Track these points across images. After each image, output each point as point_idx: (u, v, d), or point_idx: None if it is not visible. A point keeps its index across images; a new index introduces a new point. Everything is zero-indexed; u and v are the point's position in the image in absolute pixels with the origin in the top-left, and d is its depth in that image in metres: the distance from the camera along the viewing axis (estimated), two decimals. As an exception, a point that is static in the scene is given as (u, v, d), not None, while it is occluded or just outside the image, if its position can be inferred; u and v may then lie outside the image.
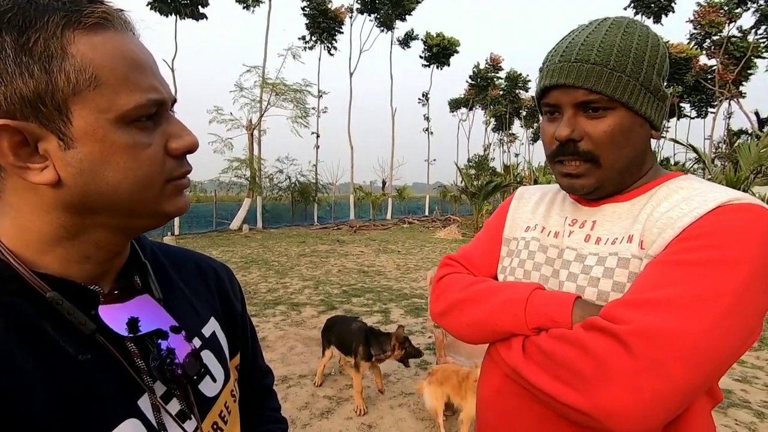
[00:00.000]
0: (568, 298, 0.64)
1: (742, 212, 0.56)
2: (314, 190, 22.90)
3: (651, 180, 0.71)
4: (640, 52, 0.64)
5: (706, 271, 0.54)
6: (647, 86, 0.64)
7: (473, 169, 33.21)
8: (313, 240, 14.49)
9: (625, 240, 0.65)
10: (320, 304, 5.82)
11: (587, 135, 0.65)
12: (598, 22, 0.68)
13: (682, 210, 0.60)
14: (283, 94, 19.80)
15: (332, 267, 8.95)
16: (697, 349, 0.51)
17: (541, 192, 0.88)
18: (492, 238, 0.89)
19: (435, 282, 0.87)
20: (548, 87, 0.68)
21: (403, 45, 32.69)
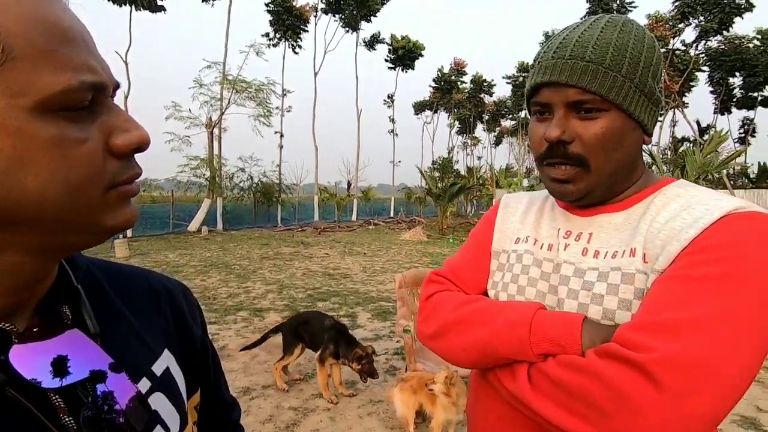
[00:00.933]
0: (575, 320, 0.58)
1: (748, 221, 0.54)
2: (278, 191, 22.41)
3: (644, 187, 0.67)
4: (637, 52, 0.61)
5: (720, 288, 0.50)
6: (642, 89, 0.62)
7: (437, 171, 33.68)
8: (277, 242, 14.14)
9: (627, 254, 0.61)
10: (284, 309, 5.64)
11: (578, 137, 0.62)
12: (593, 20, 0.64)
13: (685, 220, 0.57)
14: (245, 91, 19.25)
15: (297, 270, 8.74)
16: (724, 376, 0.48)
17: (527, 199, 0.84)
18: (479, 250, 0.83)
19: (422, 301, 0.80)
20: (539, 84, 0.64)
21: (369, 47, 32.69)
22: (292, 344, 3.29)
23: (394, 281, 7.58)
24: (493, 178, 31.58)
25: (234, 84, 18.74)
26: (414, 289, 3.58)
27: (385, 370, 3.69)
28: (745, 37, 28.52)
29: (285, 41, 26.67)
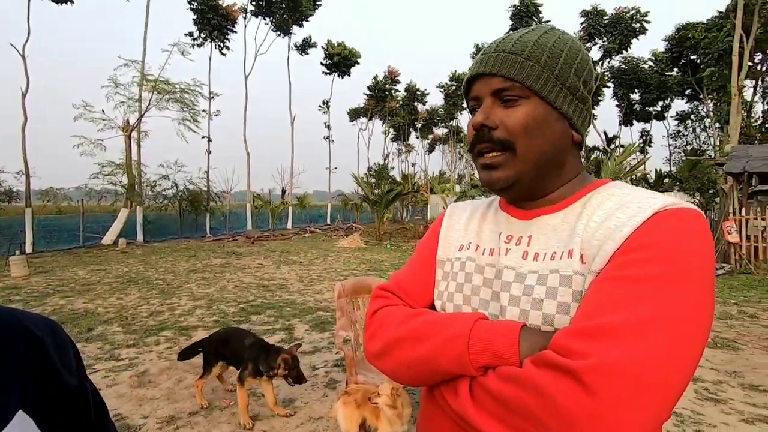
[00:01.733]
0: (513, 329, 0.57)
1: (679, 218, 0.54)
2: (206, 199, 21.16)
3: (580, 188, 0.68)
4: (557, 49, 0.65)
5: (654, 289, 0.49)
6: (563, 81, 0.64)
7: (374, 177, 33.91)
8: (206, 253, 13.28)
9: (565, 255, 0.60)
10: (215, 325, 5.25)
11: (502, 123, 0.64)
12: (523, 29, 0.69)
13: (620, 219, 0.57)
14: (168, 93, 17.98)
15: (228, 282, 8.24)
16: (661, 380, 0.46)
17: (471, 207, 0.83)
18: (425, 261, 0.81)
19: (368, 317, 0.76)
20: (471, 79, 0.69)
21: (301, 51, 32.22)
22: (211, 362, 3.09)
23: (332, 290, 7.43)
24: (428, 185, 32.50)
25: (155, 85, 17.41)
26: (354, 298, 3.49)
27: (325, 384, 3.54)
28: (641, 58, 32.25)
29: (211, 42, 25.43)
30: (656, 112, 33.95)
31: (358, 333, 3.35)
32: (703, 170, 16.27)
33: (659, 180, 26.80)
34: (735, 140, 15.75)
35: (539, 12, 28.18)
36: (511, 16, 28.54)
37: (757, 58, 23.94)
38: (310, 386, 3.50)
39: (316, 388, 3.47)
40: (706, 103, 29.38)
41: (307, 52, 32.42)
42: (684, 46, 26.85)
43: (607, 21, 29.11)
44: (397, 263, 10.89)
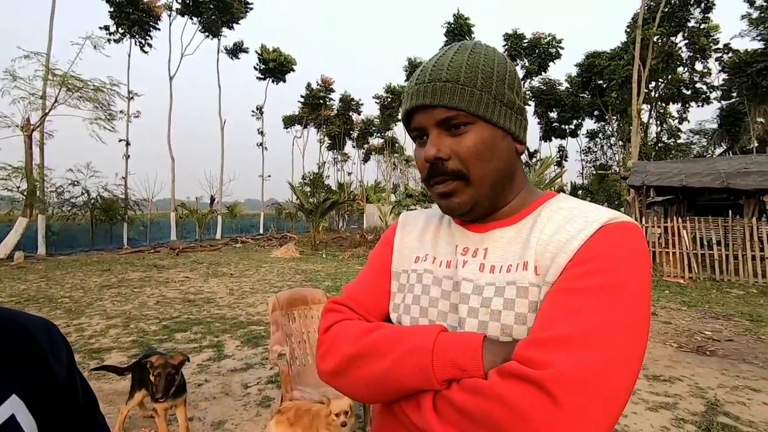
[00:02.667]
0: (475, 340, 0.57)
1: (621, 231, 0.59)
2: (123, 207, 19.43)
3: (530, 201, 0.71)
4: (488, 68, 0.66)
5: (602, 299, 0.54)
6: (501, 99, 0.66)
7: (309, 186, 33.39)
8: (122, 267, 12.14)
9: (521, 267, 0.63)
10: (132, 345, 4.78)
11: (453, 153, 0.65)
12: (447, 48, 0.70)
13: (569, 232, 0.61)
14: (79, 90, 16.33)
15: (148, 298, 7.57)
16: (615, 388, 0.50)
17: (425, 217, 0.83)
18: (379, 273, 0.79)
19: (321, 334, 0.72)
20: (410, 111, 0.68)
21: (232, 55, 31.06)
22: (133, 387, 2.81)
23: (266, 303, 7.13)
24: (364, 194, 32.67)
25: (63, 80, 15.74)
26: (289, 311, 3.36)
27: (258, 402, 3.36)
28: (557, 80, 35.36)
29: (131, 38, 23.63)
30: (571, 130, 37.32)
31: (294, 347, 3.23)
32: (610, 183, 18.15)
33: (574, 192, 29.40)
34: (635, 157, 17.79)
35: (472, 32, 29.82)
36: (445, 33, 29.89)
37: (651, 86, 27.33)
38: (242, 406, 3.30)
39: (249, 408, 3.28)
40: (611, 124, 32.86)
41: (238, 56, 31.33)
42: (592, 72, 29.91)
43: (527, 44, 31.59)
44: (333, 273, 10.75)
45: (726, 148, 32.20)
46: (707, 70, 28.73)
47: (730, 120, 29.29)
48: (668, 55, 25.45)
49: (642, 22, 20.01)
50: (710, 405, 3.30)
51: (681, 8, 25.15)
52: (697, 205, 13.10)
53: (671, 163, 12.86)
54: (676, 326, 5.70)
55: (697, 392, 3.56)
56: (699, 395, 3.49)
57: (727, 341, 5.04)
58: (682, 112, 31.16)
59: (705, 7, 25.55)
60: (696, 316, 6.26)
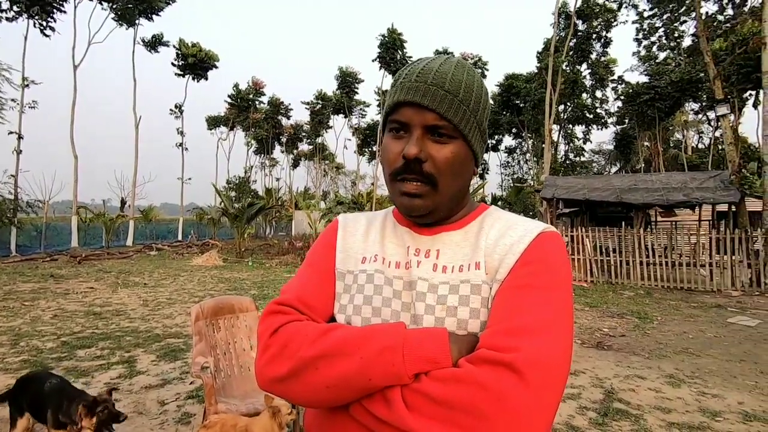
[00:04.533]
0: (442, 334, 0.62)
1: (553, 239, 0.70)
2: (12, 209, 16.99)
3: (471, 210, 0.78)
4: (478, 93, 0.71)
5: (549, 295, 0.63)
6: (480, 125, 0.72)
7: (234, 190, 31.90)
8: (9, 277, 10.62)
9: (473, 267, 0.69)
10: (23, 366, 4.19)
11: (431, 158, 0.68)
12: (445, 58, 0.73)
13: (512, 237, 0.69)
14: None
15: (43, 312, 6.71)
16: (564, 370, 0.58)
17: (366, 219, 0.85)
18: (322, 273, 0.79)
19: (266, 337, 0.68)
20: (401, 103, 0.69)
21: (150, 48, 28.83)
22: (13, 416, 2.47)
23: (185, 314, 6.68)
24: (293, 200, 31.94)
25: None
26: (214, 320, 3.20)
27: (177, 420, 3.13)
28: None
29: (29, 18, 20.94)
30: (492, 145, 39.82)
31: (219, 358, 3.08)
32: (526, 195, 19.68)
33: (494, 202, 31.42)
34: (547, 172, 19.49)
35: (404, 47, 30.70)
36: (379, 45, 30.45)
37: (561, 108, 30.24)
38: (158, 425, 3.06)
39: (166, 426, 3.05)
40: (527, 141, 35.74)
41: (157, 50, 29.13)
42: (511, 92, 32.31)
43: (455, 62, 33.29)
44: (260, 282, 10.36)
45: (620, 167, 36.69)
46: (605, 97, 32.60)
47: (623, 143, 33.36)
48: (574, 82, 28.41)
49: (553, 50, 22.16)
50: (607, 393, 3.73)
51: (585, 41, 28.29)
52: (597, 216, 14.69)
53: (576, 179, 14.31)
54: (580, 325, 6.33)
55: (596, 383, 3.99)
56: (598, 385, 3.92)
57: (621, 336, 5.71)
58: (585, 133, 34.92)
59: (604, 42, 29.01)
60: (596, 315, 7.01)
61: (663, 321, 6.62)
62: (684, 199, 10.64)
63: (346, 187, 51.24)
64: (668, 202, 10.82)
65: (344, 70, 35.80)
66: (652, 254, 10.05)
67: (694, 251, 10.56)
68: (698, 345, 5.30)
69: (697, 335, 5.78)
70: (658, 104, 25.22)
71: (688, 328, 6.18)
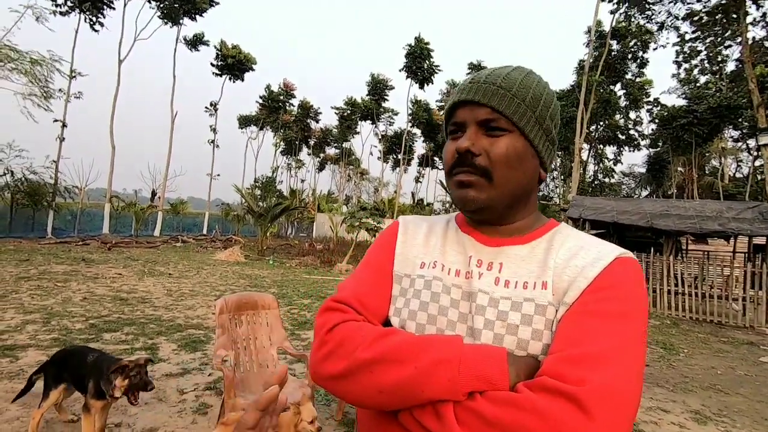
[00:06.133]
0: (501, 355, 0.59)
1: (630, 265, 0.65)
2: (51, 193, 17.82)
3: (540, 224, 0.75)
4: (538, 92, 0.70)
5: (621, 324, 0.59)
6: (541, 122, 0.70)
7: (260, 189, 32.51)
8: (44, 258, 11.10)
9: (539, 286, 0.66)
10: (53, 344, 4.37)
11: (485, 151, 0.68)
12: (505, 65, 0.74)
13: (585, 259, 0.65)
14: (13, 62, 14.97)
15: (74, 294, 6.98)
16: (634, 404, 0.55)
17: (427, 223, 0.83)
18: (380, 274, 0.78)
19: (323, 333, 0.69)
20: (456, 104, 0.71)
21: (191, 46, 29.92)
22: (49, 386, 2.59)
23: (206, 306, 6.83)
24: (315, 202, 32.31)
25: (-5, 49, 14.37)
26: (237, 315, 3.27)
27: (194, 410, 3.20)
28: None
29: (81, 12, 22.07)
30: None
31: (239, 352, 3.14)
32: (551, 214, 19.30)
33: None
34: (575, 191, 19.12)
35: (431, 56, 30.87)
36: (406, 54, 30.71)
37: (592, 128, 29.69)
38: (176, 413, 3.14)
39: (184, 415, 3.12)
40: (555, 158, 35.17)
41: (197, 48, 30.22)
42: (542, 108, 31.96)
43: (486, 76, 33.23)
44: (280, 281, 10.50)
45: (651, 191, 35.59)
46: (639, 119, 31.85)
47: (656, 166, 32.44)
48: (607, 102, 27.89)
49: (588, 69, 21.84)
50: (628, 423, 3.60)
51: (621, 61, 27.76)
52: (625, 240, 14.27)
53: (605, 200, 13.97)
54: (602, 350, 6.15)
55: (617, 412, 3.86)
56: (619, 414, 3.79)
57: (645, 367, 5.51)
58: (616, 154, 34.13)
59: (640, 63, 28.41)
60: (619, 342, 6.79)
61: (690, 354, 6.36)
62: (719, 228, 10.23)
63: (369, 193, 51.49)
64: (702, 230, 10.42)
65: (376, 76, 36.18)
66: (681, 283, 9.70)
67: (726, 284, 10.12)
68: (727, 382, 5.07)
69: (726, 371, 5.53)
70: (696, 129, 24.46)
71: (717, 363, 5.92)
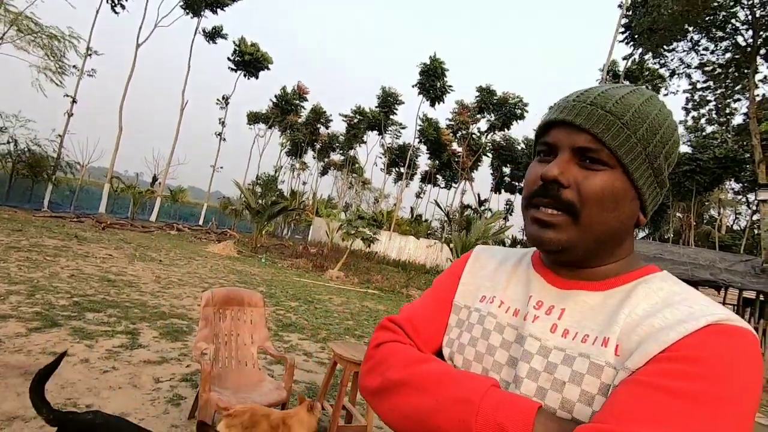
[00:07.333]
0: (529, 409, 0.51)
1: (734, 338, 0.49)
2: (53, 167, 17.82)
3: (627, 270, 0.62)
4: (657, 123, 0.58)
5: (694, 412, 0.45)
6: (652, 161, 0.58)
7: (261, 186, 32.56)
8: (37, 230, 11.06)
9: (600, 342, 0.55)
10: (34, 318, 4.34)
11: (576, 184, 0.57)
12: (620, 85, 0.63)
13: (667, 320, 0.52)
14: (32, 34, 15.11)
15: (62, 270, 6.94)
16: None
17: (502, 255, 0.77)
18: (440, 302, 0.76)
19: (371, 348, 0.71)
20: (551, 123, 0.61)
21: (209, 38, 30.26)
22: None
23: (193, 297, 6.81)
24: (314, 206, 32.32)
25: (16, 18, 14.49)
26: (222, 309, 3.26)
27: (167, 400, 3.17)
28: (516, 139, 37.75)
29: (105, -6, 22.36)
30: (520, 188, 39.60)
31: (219, 347, 3.13)
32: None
33: (513, 245, 31.02)
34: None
35: (445, 75, 31.23)
36: (420, 71, 31.07)
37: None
38: (149, 401, 3.11)
39: (157, 403, 3.09)
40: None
41: (215, 41, 30.56)
42: (548, 139, 32.28)
43: (496, 101, 33.65)
44: (269, 280, 10.46)
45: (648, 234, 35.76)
46: (644, 160, 32.13)
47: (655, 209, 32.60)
48: (614, 140, 28.19)
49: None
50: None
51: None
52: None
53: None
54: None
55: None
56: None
57: None
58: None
59: (650, 107, 28.79)
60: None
61: (669, 400, 6.34)
62: (710, 278, 10.28)
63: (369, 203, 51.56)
64: (693, 278, 10.46)
65: (386, 90, 36.54)
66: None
67: (713, 333, 10.13)
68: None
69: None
70: (698, 177, 24.75)
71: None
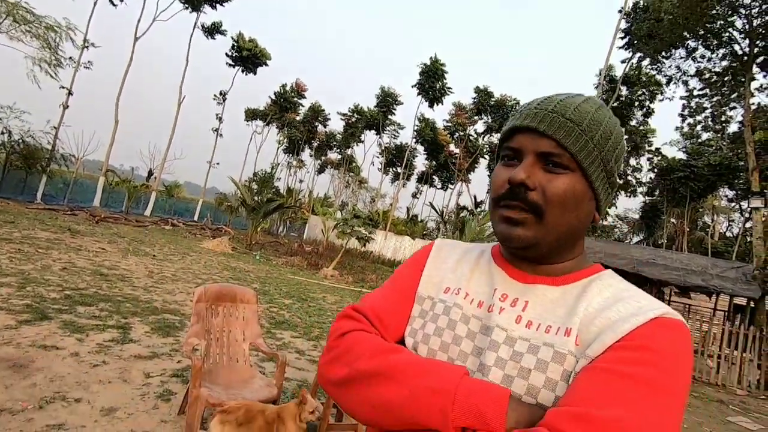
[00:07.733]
0: (502, 396, 0.55)
1: (675, 329, 0.57)
2: (47, 158, 17.67)
3: (580, 268, 0.69)
4: (608, 130, 0.65)
5: (648, 392, 0.51)
6: (605, 164, 0.65)
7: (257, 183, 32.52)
8: (30, 222, 10.97)
9: (562, 332, 0.61)
10: (24, 310, 4.31)
11: (541, 187, 0.62)
12: (575, 94, 0.69)
13: (620, 312, 0.59)
14: (27, 24, 14.97)
15: (54, 262, 6.89)
16: None
17: (462, 249, 0.81)
18: (404, 292, 0.77)
19: (334, 338, 0.70)
20: (516, 129, 0.66)
21: (208, 34, 30.13)
22: None
23: (186, 293, 6.77)
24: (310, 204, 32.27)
25: (12, 8, 14.35)
26: (214, 305, 3.25)
27: (157, 395, 3.16)
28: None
29: (104, -14, 22.19)
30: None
31: (211, 343, 3.12)
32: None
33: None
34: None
35: (444, 77, 31.28)
36: (420, 72, 31.10)
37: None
38: (140, 396, 3.09)
39: (146, 398, 3.08)
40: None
41: (214, 36, 30.45)
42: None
43: (494, 102, 33.74)
44: (264, 277, 10.43)
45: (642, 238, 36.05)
46: (639, 166, 32.38)
47: (649, 215, 32.91)
48: (610, 145, 28.36)
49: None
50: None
51: (627, 107, 28.33)
52: (609, 282, 14.35)
53: (595, 241, 14.09)
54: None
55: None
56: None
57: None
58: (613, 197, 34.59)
59: (646, 112, 29.00)
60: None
61: (659, 404, 6.39)
62: (702, 284, 10.37)
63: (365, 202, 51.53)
64: (685, 283, 10.55)
65: (386, 90, 36.52)
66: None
67: (703, 339, 10.22)
68: (692, 437, 5.09)
69: (693, 427, 5.56)
70: (692, 184, 24.95)
71: (685, 417, 5.94)
